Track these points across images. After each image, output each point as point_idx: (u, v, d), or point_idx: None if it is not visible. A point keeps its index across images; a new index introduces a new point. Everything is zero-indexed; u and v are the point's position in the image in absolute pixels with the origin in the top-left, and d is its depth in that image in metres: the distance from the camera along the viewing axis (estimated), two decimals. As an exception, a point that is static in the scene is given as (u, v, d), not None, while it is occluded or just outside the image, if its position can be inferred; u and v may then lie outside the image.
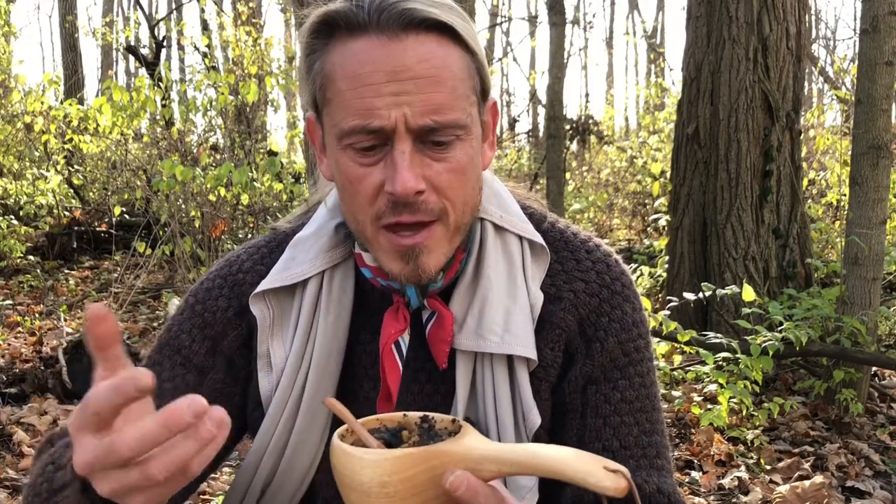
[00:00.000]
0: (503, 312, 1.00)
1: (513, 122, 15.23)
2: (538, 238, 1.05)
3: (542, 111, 14.75)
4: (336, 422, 1.05)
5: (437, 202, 0.92)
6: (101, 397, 0.64)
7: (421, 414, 0.78)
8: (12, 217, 8.59)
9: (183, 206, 5.81)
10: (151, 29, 9.94)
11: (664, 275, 5.70)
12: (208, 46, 9.59)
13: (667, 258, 5.63)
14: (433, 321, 1.01)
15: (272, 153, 8.45)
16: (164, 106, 6.48)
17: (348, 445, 0.71)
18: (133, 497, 0.68)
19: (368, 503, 0.69)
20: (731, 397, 3.61)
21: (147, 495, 0.67)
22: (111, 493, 0.67)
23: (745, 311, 4.07)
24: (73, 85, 12.91)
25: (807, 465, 3.35)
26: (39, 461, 0.93)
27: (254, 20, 9.52)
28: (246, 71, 7.66)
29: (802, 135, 5.81)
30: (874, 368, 4.22)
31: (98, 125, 7.07)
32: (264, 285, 1.04)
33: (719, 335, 3.90)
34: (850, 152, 4.06)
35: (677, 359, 4.24)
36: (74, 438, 0.68)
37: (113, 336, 0.67)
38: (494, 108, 1.02)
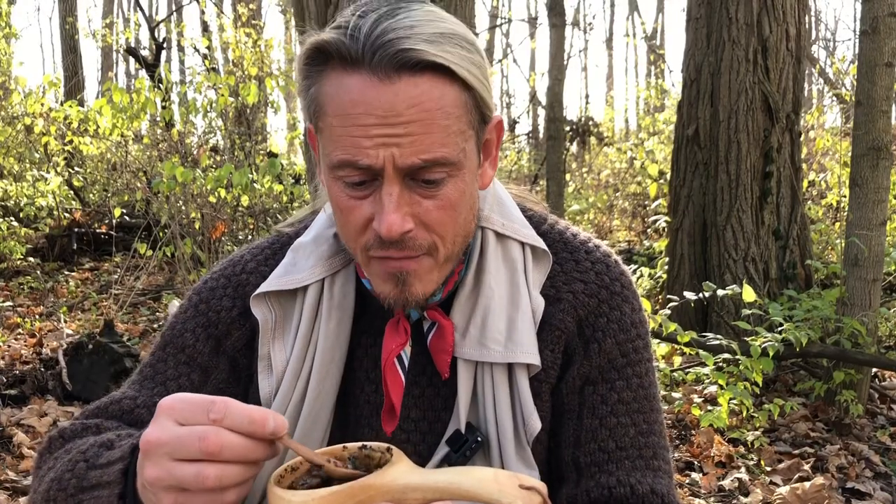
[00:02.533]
0: (506, 321, 1.00)
1: (513, 124, 15.23)
2: (540, 243, 1.05)
3: (542, 113, 14.76)
4: (336, 427, 1.05)
5: (427, 238, 0.92)
6: (238, 418, 0.72)
7: (360, 444, 0.80)
8: (12, 219, 8.59)
9: (183, 208, 5.81)
10: (151, 30, 9.94)
11: (664, 276, 5.70)
12: (208, 48, 9.59)
13: (667, 259, 5.63)
14: (434, 332, 1.01)
15: (272, 154, 8.45)
16: (164, 108, 6.48)
17: (278, 488, 0.73)
18: (168, 496, 0.73)
19: None
20: (731, 398, 3.61)
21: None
22: (155, 480, 0.72)
23: (746, 312, 4.07)
24: (74, 86, 12.91)
25: (807, 467, 3.35)
26: (67, 457, 0.93)
27: (254, 22, 9.52)
28: (246, 72, 7.67)
29: (802, 136, 5.81)
30: (874, 370, 4.22)
31: (98, 127, 7.07)
32: (264, 288, 1.04)
33: (719, 336, 3.90)
34: (849, 153, 4.06)
35: (677, 360, 4.24)
36: (159, 417, 0.74)
37: None
38: (499, 126, 1.00)
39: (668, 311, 3.81)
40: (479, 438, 0.99)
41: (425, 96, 0.87)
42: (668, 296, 4.76)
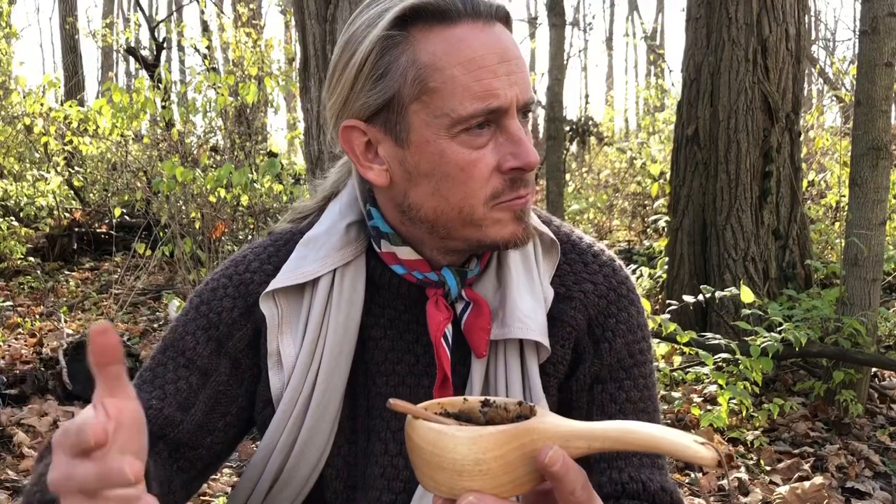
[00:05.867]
0: (522, 302, 1.02)
1: (513, 124, 15.19)
2: (548, 233, 1.08)
3: (541, 112, 14.75)
4: (345, 418, 1.06)
5: (531, 174, 0.98)
6: (87, 472, 0.63)
7: (482, 398, 0.78)
8: (13, 218, 8.59)
9: (183, 208, 5.81)
10: (151, 30, 9.95)
11: (664, 276, 5.71)
12: (208, 48, 9.60)
13: (666, 259, 5.63)
14: (469, 311, 1.02)
15: (272, 154, 8.45)
16: (164, 107, 6.48)
17: (437, 424, 0.70)
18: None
19: (458, 482, 0.69)
20: (730, 398, 3.61)
21: None
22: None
23: (745, 312, 4.07)
24: (74, 86, 12.91)
25: (807, 466, 3.36)
26: (36, 470, 0.93)
27: (254, 22, 9.52)
28: (246, 72, 7.67)
29: (802, 136, 5.82)
30: (874, 369, 4.22)
31: (98, 127, 7.08)
32: (276, 283, 1.04)
33: (719, 336, 3.90)
34: (849, 153, 4.06)
35: (677, 360, 4.24)
36: (54, 453, 0.66)
37: (114, 351, 0.65)
38: None
39: (668, 316, 3.81)
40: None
41: (513, 38, 0.97)
42: (668, 297, 4.76)
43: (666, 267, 5.62)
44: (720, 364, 3.84)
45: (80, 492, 0.64)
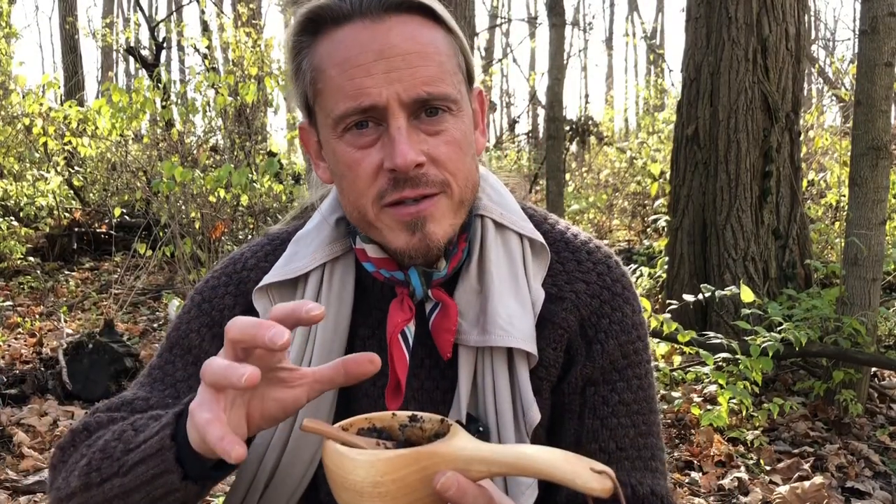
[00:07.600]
0: (505, 308, 1.00)
1: (512, 124, 15.22)
2: (538, 236, 1.06)
3: (541, 112, 14.76)
4: (338, 417, 1.05)
5: (438, 174, 0.94)
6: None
7: (410, 413, 0.79)
8: (12, 218, 8.59)
9: (183, 208, 5.81)
10: (151, 30, 9.94)
11: (664, 276, 5.71)
12: (208, 48, 9.59)
13: (666, 259, 5.63)
14: (437, 311, 1.01)
15: (272, 154, 8.45)
16: (163, 107, 6.48)
17: (341, 446, 0.72)
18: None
19: (360, 502, 0.71)
20: (730, 398, 3.61)
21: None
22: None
23: (745, 311, 4.07)
24: (73, 86, 12.91)
25: (806, 466, 3.36)
26: (108, 436, 0.94)
27: (254, 21, 9.51)
28: (246, 72, 7.66)
29: (802, 135, 5.82)
30: (874, 369, 4.22)
31: (97, 127, 7.07)
32: (267, 279, 1.04)
33: (719, 336, 3.90)
34: (849, 153, 4.06)
35: (677, 359, 4.24)
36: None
37: (360, 376, 0.81)
38: (481, 97, 1.05)
39: (668, 316, 3.81)
40: (480, 428, 0.99)
41: (417, 31, 0.92)
42: (668, 296, 4.76)
43: (666, 266, 5.62)
44: (720, 364, 3.84)
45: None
